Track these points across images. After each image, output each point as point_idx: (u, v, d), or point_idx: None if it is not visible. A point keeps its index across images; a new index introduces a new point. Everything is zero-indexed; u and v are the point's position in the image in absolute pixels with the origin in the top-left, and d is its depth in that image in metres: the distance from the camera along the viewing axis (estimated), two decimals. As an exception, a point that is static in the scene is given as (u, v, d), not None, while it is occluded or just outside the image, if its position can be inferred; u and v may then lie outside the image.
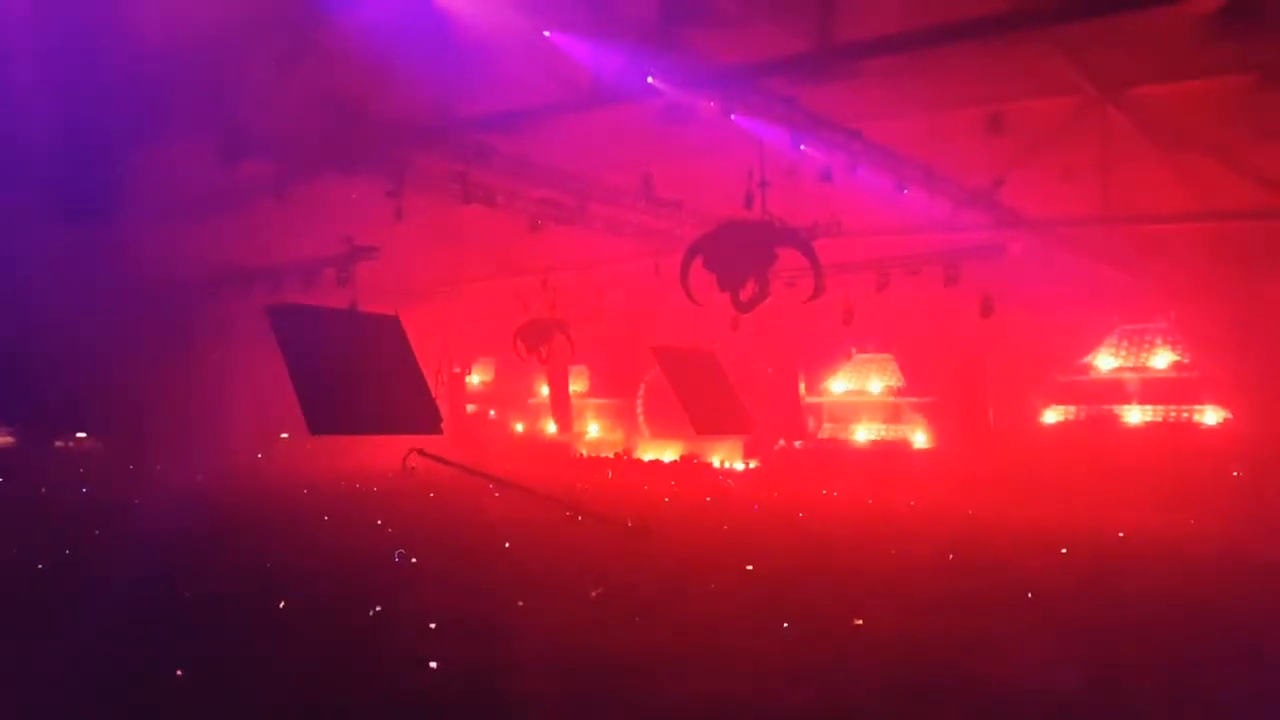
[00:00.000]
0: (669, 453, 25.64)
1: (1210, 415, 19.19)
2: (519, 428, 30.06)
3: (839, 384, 24.23)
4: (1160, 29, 9.99)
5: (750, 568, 11.17)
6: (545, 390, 28.49)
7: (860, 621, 8.54)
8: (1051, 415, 20.84)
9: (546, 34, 9.60)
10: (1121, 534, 14.08)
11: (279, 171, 13.21)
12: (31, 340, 17.70)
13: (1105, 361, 20.52)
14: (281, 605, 9.05)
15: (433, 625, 8.36)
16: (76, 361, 19.30)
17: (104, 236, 14.21)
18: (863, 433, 23.53)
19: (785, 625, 8.40)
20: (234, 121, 11.08)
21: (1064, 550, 12.45)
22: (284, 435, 25.45)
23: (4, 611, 8.83)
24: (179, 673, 6.97)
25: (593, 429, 28.43)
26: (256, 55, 9.64)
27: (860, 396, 23.84)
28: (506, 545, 12.84)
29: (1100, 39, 10.53)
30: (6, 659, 7.27)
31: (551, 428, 28.72)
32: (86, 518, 14.90)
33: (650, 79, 10.10)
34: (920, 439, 22.66)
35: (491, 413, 30.47)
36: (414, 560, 11.58)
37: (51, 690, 6.56)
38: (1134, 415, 19.93)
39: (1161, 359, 19.95)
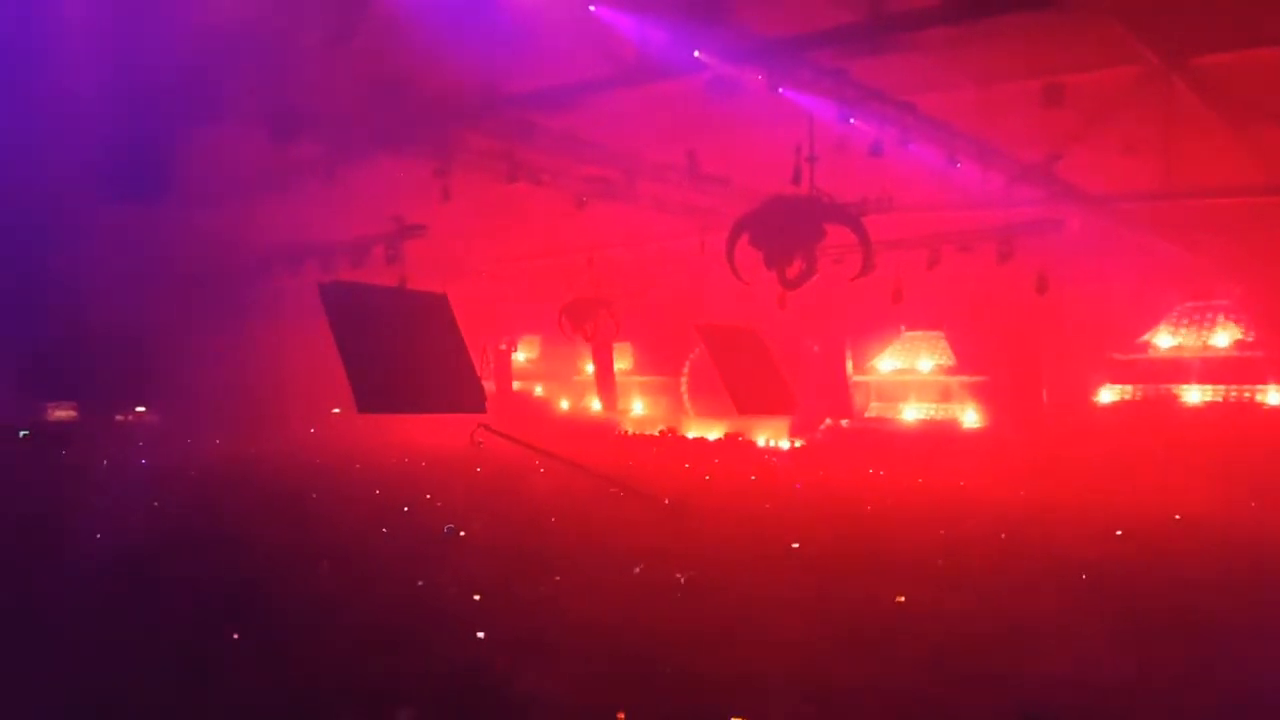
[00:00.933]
0: (714, 431, 25.59)
1: (1273, 395, 18.59)
2: (564, 405, 30.22)
3: (887, 362, 23.93)
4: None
5: (796, 545, 11.12)
6: (590, 368, 28.58)
7: (902, 599, 8.46)
8: (1108, 395, 20.37)
9: (592, 9, 9.53)
10: (1178, 517, 13.75)
11: (329, 152, 13.37)
12: (92, 318, 18.19)
13: (1164, 340, 19.98)
14: (324, 568, 9.24)
15: (477, 597, 8.47)
16: (136, 338, 19.81)
17: (161, 217, 14.51)
18: (912, 412, 23.24)
19: (831, 604, 8.35)
20: (284, 103, 11.20)
21: (1119, 533, 12.19)
22: (336, 410, 25.89)
23: (70, 579, 9.12)
24: (235, 636, 7.16)
25: (637, 407, 28.48)
26: (305, 37, 9.71)
27: (909, 375, 23.53)
28: (553, 520, 12.95)
29: (1163, 6, 10.16)
30: (73, 621, 7.52)
31: (596, 405, 28.83)
32: (145, 488, 15.33)
33: (696, 53, 9.98)
34: (971, 419, 22.32)
35: (538, 389, 30.67)
36: (462, 534, 11.74)
37: (114, 652, 6.78)
38: (1194, 395, 19.39)
39: (1223, 337, 19.35)
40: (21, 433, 20.98)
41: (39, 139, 10.33)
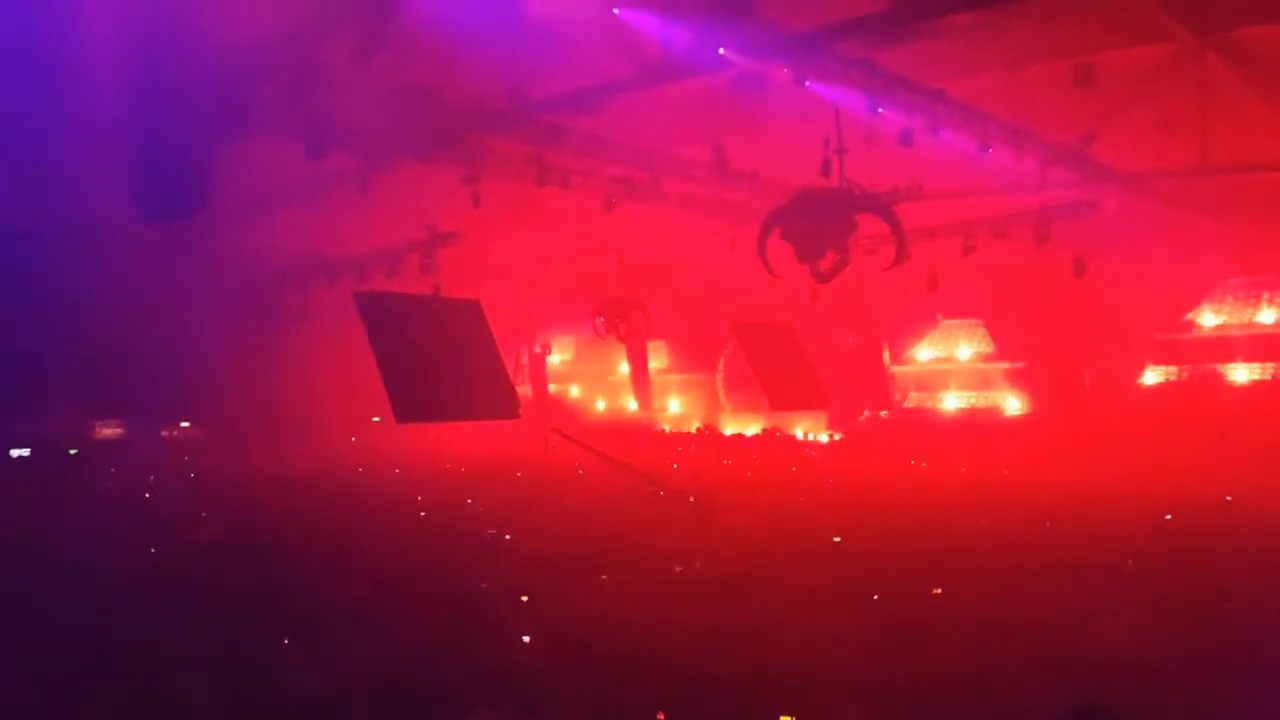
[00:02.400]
0: (752, 427, 25.52)
1: (1325, 372, 18.20)
2: (600, 405, 30.30)
3: (925, 352, 23.71)
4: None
5: (838, 540, 11.07)
6: (625, 368, 28.63)
7: (939, 591, 8.39)
8: (1152, 376, 20.02)
9: (616, 11, 9.55)
10: (1229, 498, 13.48)
11: (361, 163, 13.55)
12: (135, 336, 18.56)
13: (1209, 318, 19.59)
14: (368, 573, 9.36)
15: (525, 598, 8.53)
16: (178, 354, 20.16)
17: (199, 233, 14.80)
18: (951, 401, 23.01)
19: (875, 597, 8.31)
20: (317, 117, 11.36)
21: (1168, 516, 11.98)
22: (376, 418, 26.16)
23: (122, 588, 9.33)
24: (285, 641, 7.28)
25: (673, 405, 28.48)
26: (335, 51, 9.84)
27: (948, 364, 23.30)
28: (595, 520, 12.98)
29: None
30: (124, 628, 7.71)
31: (632, 404, 28.87)
32: (194, 502, 15.63)
33: (721, 50, 9.97)
34: (1013, 405, 22.05)
35: (574, 390, 30.78)
36: (507, 537, 11.82)
37: (164, 656, 6.92)
38: (1240, 374, 18.99)
39: (1269, 314, 18.94)
40: (71, 451, 21.47)
41: (79, 161, 10.59)
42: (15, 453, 20.65)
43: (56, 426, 21.21)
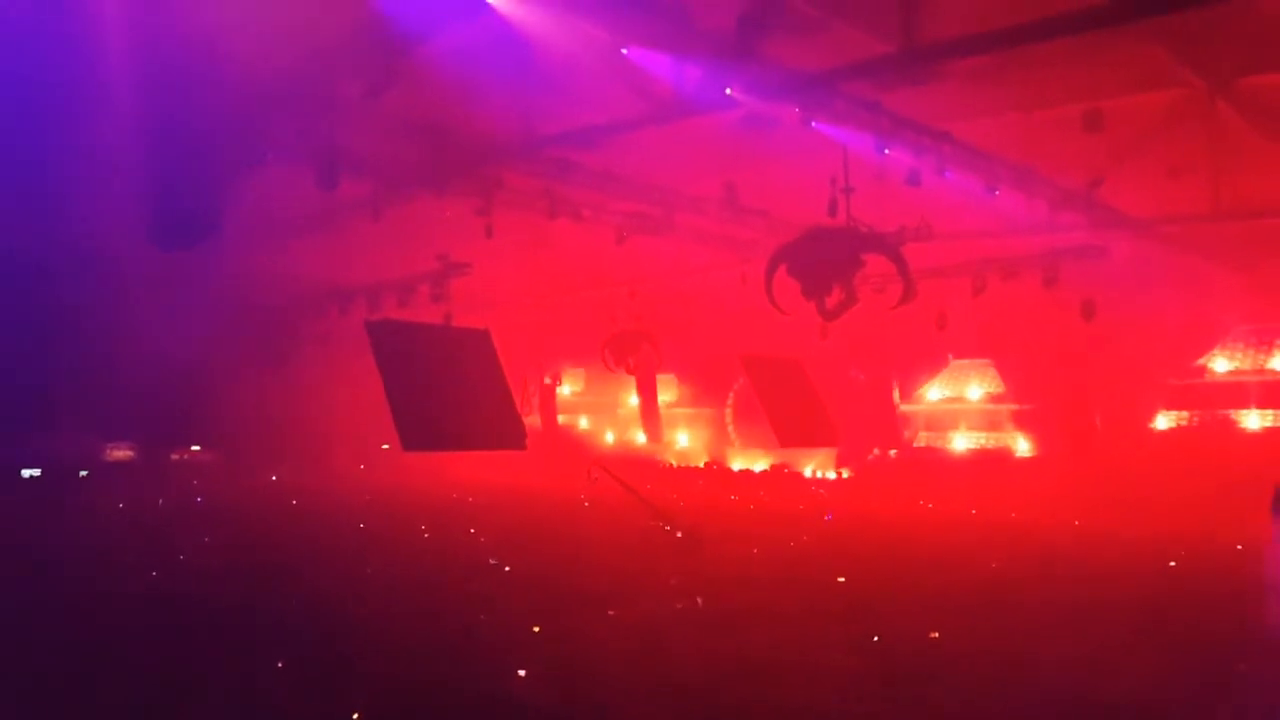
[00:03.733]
0: (760, 463, 25.42)
1: (1339, 419, 18.01)
2: (609, 437, 30.25)
3: (935, 391, 23.62)
4: (1271, 14, 9.48)
5: (842, 580, 10.98)
6: (634, 400, 28.61)
7: (936, 635, 8.31)
8: (1164, 421, 19.87)
9: (625, 51, 9.69)
10: (1240, 547, 13.31)
11: (374, 193, 13.72)
12: (147, 361, 18.75)
13: (1221, 364, 19.46)
14: (371, 607, 9.35)
15: (536, 629, 8.51)
16: (190, 379, 20.35)
17: (213, 260, 14.97)
18: (961, 441, 22.87)
19: (876, 639, 8.23)
20: (330, 147, 11.53)
21: (1172, 563, 11.85)
22: (385, 446, 26.22)
23: (124, 613, 9.36)
24: (279, 665, 7.28)
25: (682, 439, 28.41)
26: (349, 84, 10.01)
27: (958, 404, 23.18)
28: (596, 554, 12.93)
29: (1206, 30, 10.03)
30: (132, 653, 7.73)
31: (641, 437, 28.81)
32: (198, 526, 15.68)
33: (729, 91, 10.08)
34: (1023, 447, 21.90)
35: (582, 422, 30.76)
36: (507, 569, 11.80)
37: (172, 680, 6.93)
38: (1253, 420, 18.82)
39: (1282, 360, 18.82)
40: (82, 473, 21.63)
41: (96, 189, 10.79)
42: (27, 473, 20.88)
43: (68, 448, 21.41)
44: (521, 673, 7.35)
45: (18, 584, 10.69)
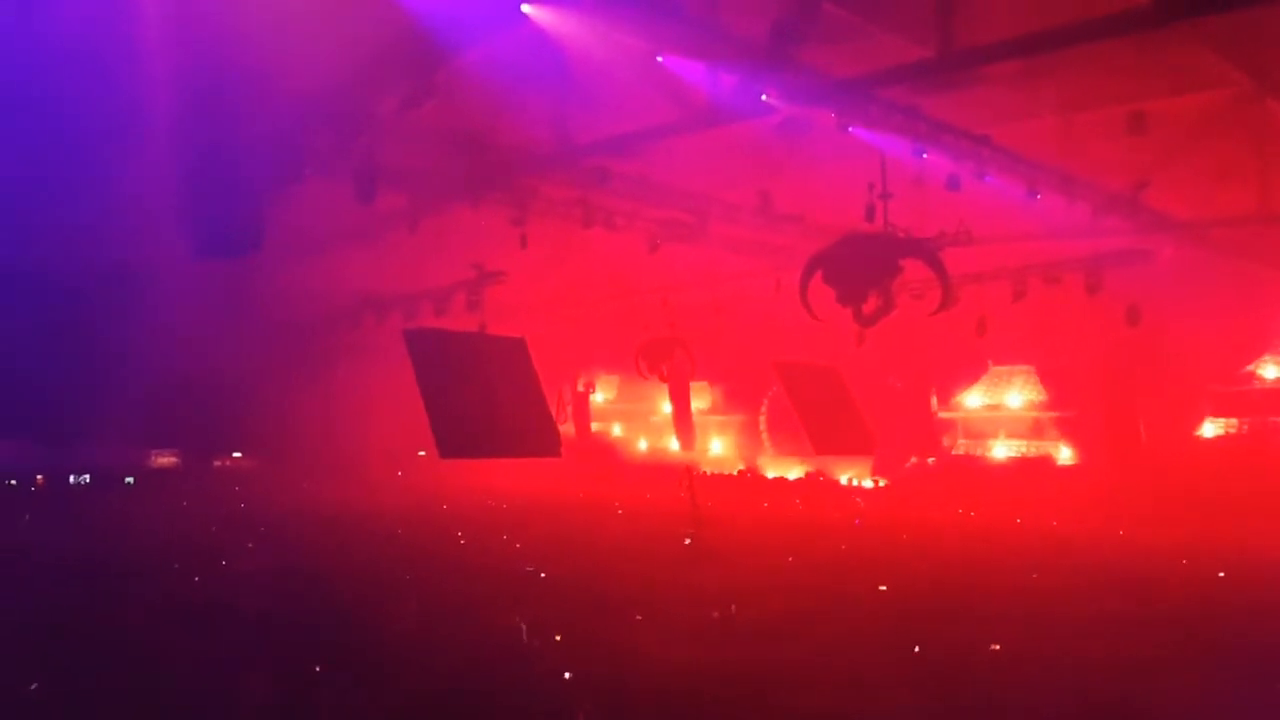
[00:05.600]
0: (794, 470, 25.22)
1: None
2: (643, 445, 30.22)
3: (974, 398, 23.30)
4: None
5: (884, 588, 10.86)
6: (668, 407, 28.53)
7: (997, 646, 8.17)
8: (1211, 428, 19.41)
9: (660, 59, 9.68)
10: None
11: (411, 204, 13.83)
12: (191, 369, 19.13)
13: (1270, 370, 19.00)
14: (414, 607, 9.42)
15: (558, 638, 8.50)
16: (232, 387, 20.70)
17: (255, 271, 15.21)
18: (1001, 449, 22.52)
19: (916, 649, 8.12)
20: (368, 161, 11.64)
21: (1221, 574, 11.57)
22: (421, 453, 26.41)
23: (167, 616, 9.51)
24: (317, 669, 7.33)
25: (715, 446, 28.28)
26: (387, 97, 10.11)
27: (998, 411, 22.85)
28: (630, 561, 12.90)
29: (1255, 29, 9.79)
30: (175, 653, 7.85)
31: (674, 445, 28.71)
32: (241, 532, 15.91)
33: (764, 97, 10.02)
34: (1065, 455, 21.52)
35: (616, 429, 30.76)
36: (543, 575, 11.81)
37: (213, 682, 7.02)
38: (1304, 427, 18.35)
39: (1335, 366, 18.33)
40: (128, 479, 22.09)
41: (143, 202, 11.00)
42: (75, 479, 21.47)
43: (115, 455, 21.92)
44: (567, 675, 7.34)
45: (66, 586, 10.94)
